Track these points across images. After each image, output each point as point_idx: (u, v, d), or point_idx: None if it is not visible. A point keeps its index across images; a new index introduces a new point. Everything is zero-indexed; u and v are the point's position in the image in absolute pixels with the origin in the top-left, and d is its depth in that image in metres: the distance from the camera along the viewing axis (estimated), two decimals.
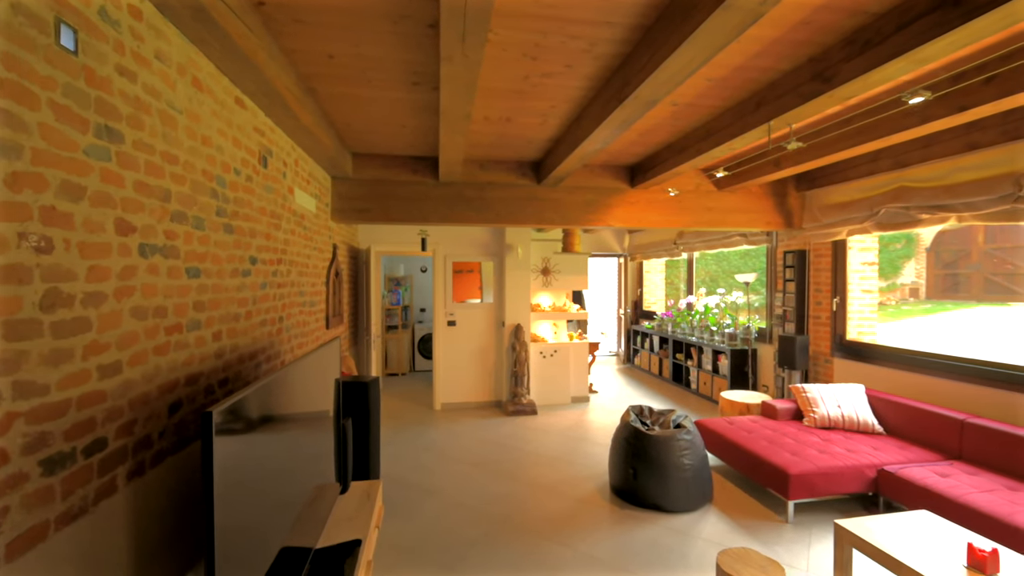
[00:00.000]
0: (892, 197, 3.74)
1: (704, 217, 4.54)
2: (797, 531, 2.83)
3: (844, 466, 2.98)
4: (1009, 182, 2.99)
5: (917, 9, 1.80)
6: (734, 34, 1.67)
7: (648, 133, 3.42)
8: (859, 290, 4.46)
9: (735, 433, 3.52)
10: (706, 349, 5.86)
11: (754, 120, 2.71)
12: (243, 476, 1.38)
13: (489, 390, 5.72)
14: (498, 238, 5.71)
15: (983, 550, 1.85)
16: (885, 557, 2.01)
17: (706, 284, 12.53)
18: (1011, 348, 9.14)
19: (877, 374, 4.00)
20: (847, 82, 2.12)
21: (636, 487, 3.09)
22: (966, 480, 2.72)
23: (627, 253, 8.30)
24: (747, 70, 2.43)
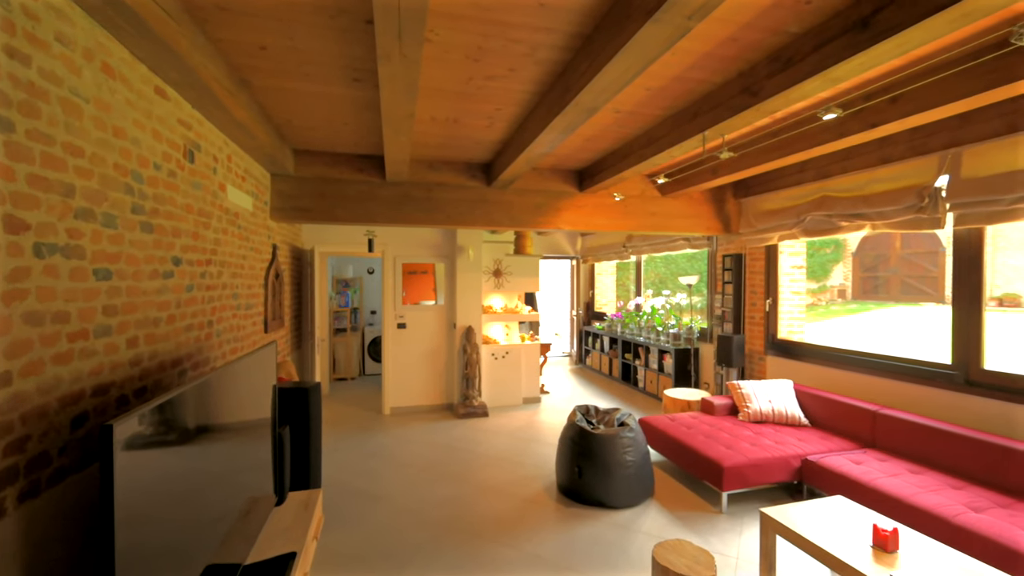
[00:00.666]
0: (816, 205, 4.02)
1: (648, 221, 4.69)
2: (730, 521, 2.98)
3: (773, 457, 3.17)
4: (914, 194, 3.28)
5: (831, 31, 1.95)
6: (665, 46, 1.73)
7: (594, 139, 3.50)
8: (789, 292, 4.77)
9: (676, 429, 3.66)
10: (652, 349, 6.07)
11: (690, 129, 2.83)
12: (158, 492, 1.29)
13: (440, 393, 5.66)
14: (449, 240, 5.67)
15: (885, 530, 2.02)
16: (803, 541, 2.16)
17: (655, 286, 13.00)
18: (921, 345, 10.06)
19: (804, 370, 4.29)
20: (771, 97, 2.26)
21: (581, 485, 3.15)
22: (877, 466, 2.96)
23: (579, 255, 8.46)
24: (683, 81, 2.53)
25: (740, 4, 1.82)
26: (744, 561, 2.56)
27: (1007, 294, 15.02)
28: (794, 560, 2.57)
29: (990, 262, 15.22)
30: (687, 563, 2.04)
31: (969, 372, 3.14)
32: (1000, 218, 2.89)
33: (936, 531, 2.36)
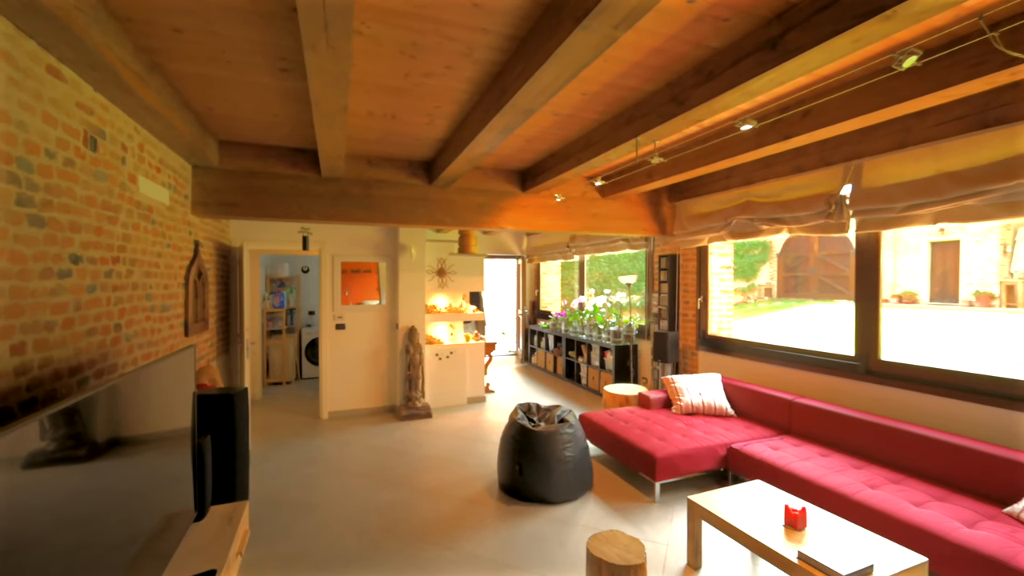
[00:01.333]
0: (741, 210, 4.30)
1: (589, 222, 4.82)
2: (663, 509, 3.13)
3: (701, 447, 3.36)
4: (823, 201, 3.59)
5: (746, 48, 2.09)
6: (594, 53, 1.79)
7: (534, 140, 3.55)
8: (718, 291, 5.07)
9: (614, 424, 3.79)
10: (594, 346, 6.24)
11: (625, 134, 2.94)
12: (46, 518, 1.16)
13: (382, 395, 5.52)
14: (391, 238, 5.54)
15: (795, 510, 2.20)
16: (725, 524, 2.30)
17: (600, 285, 13.38)
18: (834, 338, 11.04)
19: (732, 364, 4.58)
20: (696, 106, 2.38)
21: (522, 483, 3.19)
22: (791, 451, 3.21)
23: (525, 255, 8.55)
24: (616, 88, 2.62)
25: (665, 17, 1.91)
26: (674, 547, 2.69)
27: (906, 292, 16.82)
28: (718, 543, 2.73)
29: (892, 264, 16.97)
30: (619, 552, 2.12)
31: (869, 363, 3.47)
32: (893, 224, 3.22)
33: (840, 507, 2.60)
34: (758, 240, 11.56)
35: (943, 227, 16.74)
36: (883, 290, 3.60)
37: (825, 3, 1.75)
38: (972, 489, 2.58)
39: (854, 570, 1.81)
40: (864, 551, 1.99)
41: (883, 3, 1.56)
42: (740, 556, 2.60)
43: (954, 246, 15.49)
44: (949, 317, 13.43)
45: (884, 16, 1.58)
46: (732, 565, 2.52)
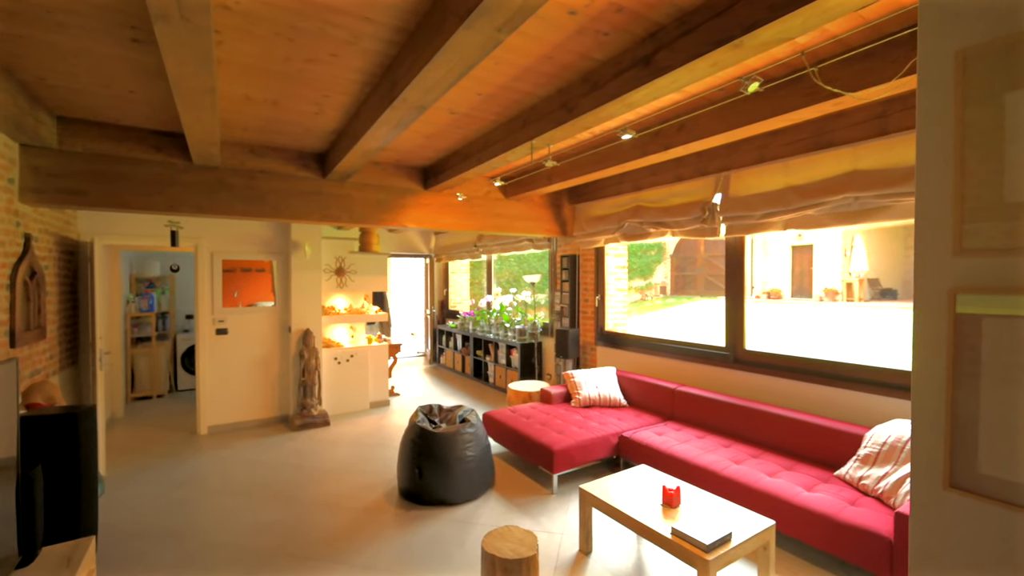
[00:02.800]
0: (632, 213, 4.61)
1: (493, 222, 4.87)
2: (560, 500, 3.25)
3: (596, 437, 3.55)
4: (699, 207, 3.97)
5: (625, 63, 2.23)
6: (481, 53, 1.79)
7: (433, 138, 3.50)
8: (615, 289, 5.39)
9: (516, 420, 3.87)
10: (501, 345, 6.33)
11: (521, 137, 3.00)
12: None
13: (272, 405, 5.10)
14: (282, 234, 5.13)
15: (671, 489, 2.40)
16: (611, 509, 2.45)
17: (510, 284, 13.61)
18: (713, 331, 12.33)
19: (626, 357, 4.89)
20: (585, 113, 2.50)
21: (422, 486, 3.13)
22: (673, 435, 3.51)
23: (433, 254, 8.42)
24: (510, 91, 2.67)
25: (549, 26, 1.98)
26: (568, 535, 2.81)
27: (773, 289, 19.27)
28: (608, 528, 2.90)
29: (762, 265, 19.35)
30: (512, 547, 2.16)
31: (737, 352, 3.91)
32: (754, 229, 3.65)
33: (711, 483, 2.89)
34: (653, 242, 12.36)
35: (800, 233, 19.53)
36: (749, 288, 4.08)
37: (687, 28, 1.92)
38: (815, 458, 3.01)
39: (715, 539, 2.02)
40: (726, 521, 2.23)
41: (732, 33, 1.75)
42: (628, 538, 2.78)
43: (809, 249, 18.09)
44: (805, 310, 15.63)
45: (734, 44, 1.77)
46: (620, 547, 2.69)
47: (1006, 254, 0.78)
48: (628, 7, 1.88)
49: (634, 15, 1.94)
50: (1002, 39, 0.78)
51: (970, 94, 0.81)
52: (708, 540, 2.00)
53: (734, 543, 2.08)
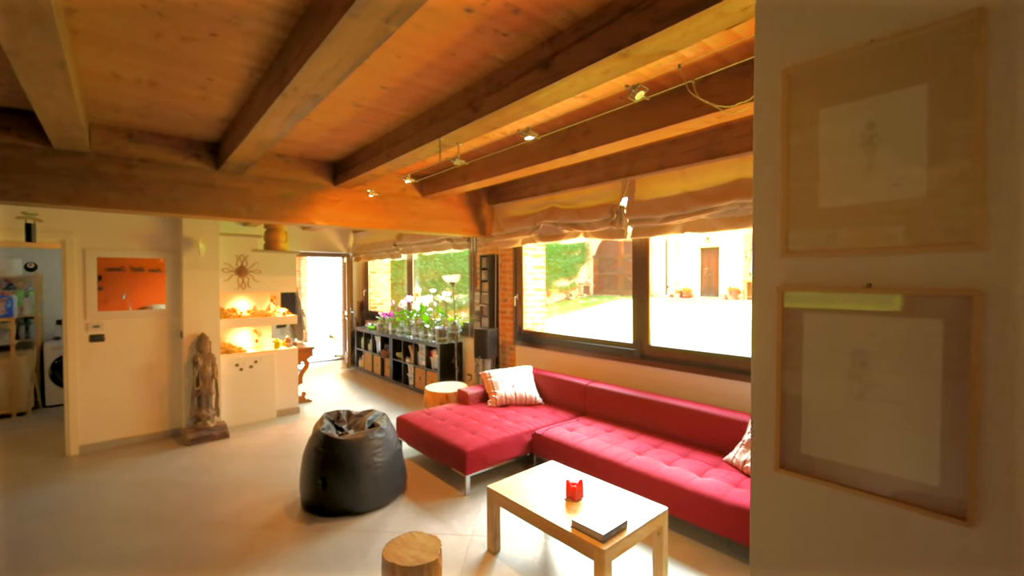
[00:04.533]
0: (547, 215, 4.71)
1: (409, 221, 4.75)
2: (472, 501, 3.23)
3: (510, 436, 3.57)
4: (608, 210, 4.14)
5: (526, 65, 2.25)
6: (372, 44, 1.72)
7: (340, 131, 3.33)
8: (533, 289, 5.48)
9: (431, 423, 3.79)
10: (421, 346, 6.20)
11: (430, 134, 2.94)
12: None
13: (161, 417, 4.59)
14: (172, 230, 4.64)
15: (574, 483, 2.47)
16: (517, 507, 2.47)
17: (434, 284, 13.41)
18: (628, 330, 12.99)
19: (543, 356, 4.99)
20: (490, 113, 2.49)
21: (326, 497, 2.96)
22: (584, 430, 3.63)
23: (351, 253, 8.06)
24: (416, 87, 2.60)
25: (446, 21, 1.94)
26: (477, 536, 2.80)
27: (684, 288, 20.72)
28: (518, 526, 2.93)
29: (675, 265, 20.72)
30: (414, 554, 2.10)
31: (643, 348, 4.13)
32: (656, 232, 3.87)
33: (615, 475, 3.02)
34: (576, 243, 12.72)
35: (708, 236, 21.11)
36: (664, 287, 4.32)
37: (582, 35, 1.98)
38: (709, 445, 3.25)
39: (611, 528, 2.10)
40: (623, 510, 2.34)
41: (620, 43, 1.83)
42: (536, 535, 2.83)
43: (716, 252, 19.69)
44: (712, 308, 16.97)
45: (622, 53, 1.85)
46: (528, 544, 2.73)
47: (821, 255, 0.87)
48: (525, 9, 1.90)
49: (531, 18, 1.96)
50: (819, 60, 0.87)
51: (794, 109, 0.90)
52: (604, 531, 2.08)
53: (629, 531, 2.18)
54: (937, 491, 0.73)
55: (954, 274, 0.72)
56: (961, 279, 0.71)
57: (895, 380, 0.77)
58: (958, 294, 0.71)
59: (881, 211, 0.79)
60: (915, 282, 0.76)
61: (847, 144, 0.82)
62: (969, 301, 0.70)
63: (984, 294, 0.70)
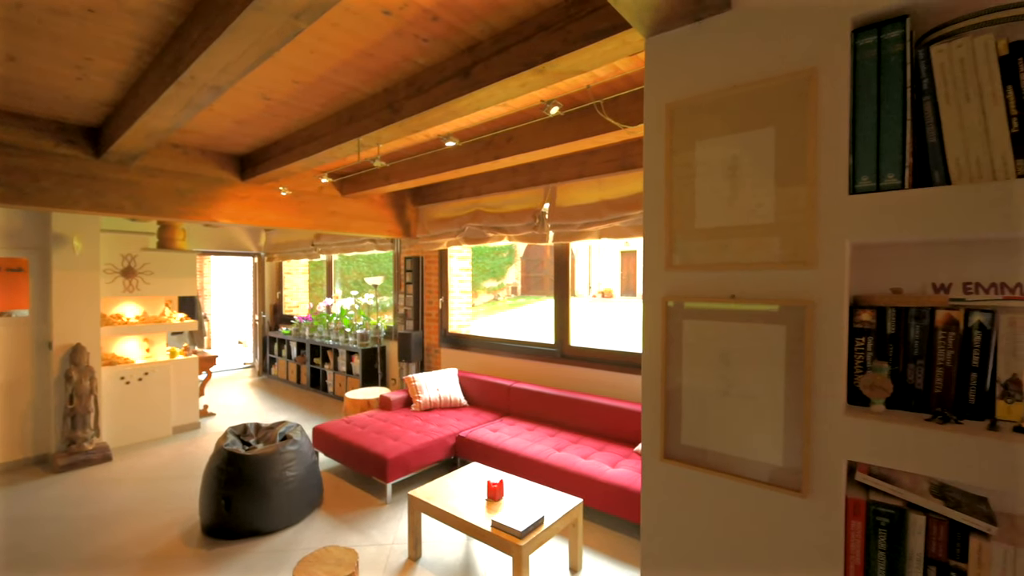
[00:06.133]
0: (472, 217, 4.74)
1: (328, 220, 4.55)
2: (393, 509, 3.17)
3: (434, 440, 3.55)
4: (531, 215, 4.26)
5: (447, 71, 2.27)
6: (280, 39, 1.64)
7: (248, 124, 3.12)
8: (458, 291, 5.48)
9: (350, 432, 3.66)
10: (341, 351, 5.95)
11: (348, 133, 2.85)
12: None
13: (22, 442, 3.97)
14: (39, 225, 4.05)
15: (495, 483, 2.52)
16: (438, 512, 2.47)
17: (357, 286, 12.90)
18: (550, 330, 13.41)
19: (469, 358, 5.01)
20: (411, 116, 2.47)
21: (230, 518, 2.76)
22: (507, 430, 3.71)
23: (263, 252, 7.53)
24: (332, 84, 2.51)
25: (362, 22, 1.91)
26: (399, 544, 2.76)
27: (605, 289, 21.76)
28: (440, 531, 2.92)
29: (597, 266, 21.68)
30: (329, 568, 2.03)
31: (563, 348, 4.30)
32: (576, 237, 4.05)
33: (536, 472, 3.12)
34: (503, 244, 12.86)
35: (628, 241, 22.43)
36: (587, 287, 4.51)
37: (501, 47, 2.04)
38: (623, 438, 3.45)
39: (529, 524, 2.18)
40: (541, 506, 2.43)
41: (536, 59, 1.91)
42: (458, 538, 2.84)
43: (634, 254, 20.90)
44: (631, 307, 17.99)
45: (537, 69, 1.94)
46: (450, 548, 2.74)
47: (696, 269, 0.99)
48: (444, 18, 1.92)
49: (451, 27, 1.98)
50: (695, 98, 0.98)
51: (675, 140, 1.01)
52: (522, 527, 2.15)
53: (546, 525, 2.27)
54: (781, 470, 0.87)
55: (794, 287, 0.86)
56: (798, 291, 0.85)
57: (750, 377, 0.90)
58: (796, 304, 0.85)
59: (742, 233, 0.91)
60: (766, 293, 0.89)
61: (717, 173, 0.94)
62: (803, 310, 0.84)
63: (815, 303, 0.84)
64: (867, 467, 0.92)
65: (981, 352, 0.79)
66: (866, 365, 0.87)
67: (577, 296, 21.58)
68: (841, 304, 0.82)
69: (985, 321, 0.79)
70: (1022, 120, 0.71)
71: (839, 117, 0.82)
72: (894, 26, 0.78)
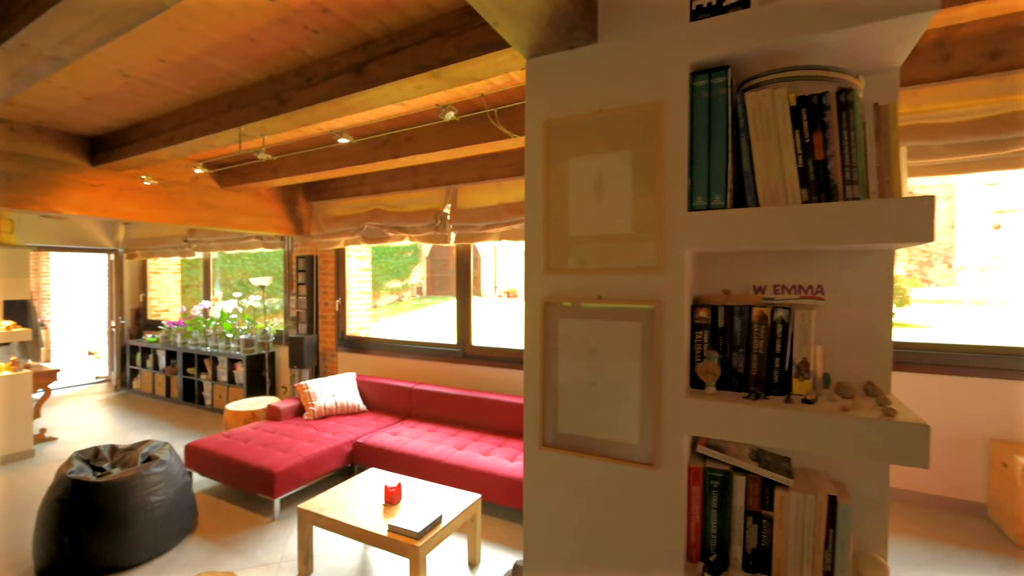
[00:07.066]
0: (372, 216, 4.60)
1: (204, 215, 4.11)
2: (282, 526, 2.97)
3: (328, 449, 3.39)
4: (432, 215, 4.25)
5: (339, 66, 2.20)
6: (137, 15, 1.47)
7: (100, 101, 2.72)
8: (357, 292, 5.27)
9: (231, 446, 3.35)
10: (221, 359, 5.39)
11: (227, 121, 2.62)
12: None
13: None
14: None
15: (392, 487, 2.49)
16: (331, 522, 2.37)
17: (243, 287, 11.75)
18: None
19: (369, 361, 4.84)
20: (299, 109, 2.35)
21: (76, 557, 2.38)
22: (408, 433, 3.66)
23: (122, 249, 6.54)
24: (207, 66, 2.30)
25: (244, 6, 1.78)
26: (288, 562, 2.59)
27: (510, 289, 22.26)
28: (334, 543, 2.81)
29: (502, 267, 22.09)
30: None
31: (465, 348, 4.35)
32: (477, 238, 4.13)
33: (437, 473, 3.12)
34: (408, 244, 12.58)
35: None
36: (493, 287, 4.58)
37: (396, 47, 2.03)
38: (522, 433, 3.59)
39: (426, 525, 2.19)
40: (439, 505, 2.45)
41: (431, 64, 1.93)
42: (354, 548, 2.75)
43: None
44: None
45: (433, 73, 1.96)
46: (345, 559, 2.64)
47: (570, 273, 1.09)
48: (335, 11, 1.86)
49: (342, 20, 1.93)
50: (569, 118, 1.08)
51: (552, 155, 1.10)
52: (419, 528, 2.16)
53: (444, 523, 2.30)
54: (637, 448, 1.00)
55: (646, 289, 0.99)
56: (650, 293, 0.99)
57: (613, 368, 1.02)
58: (648, 304, 0.99)
59: (606, 241, 1.03)
60: (625, 295, 1.02)
61: (587, 187, 1.05)
62: (653, 310, 0.98)
63: (663, 303, 0.98)
64: (706, 440, 1.10)
65: (783, 341, 0.98)
66: (703, 354, 1.03)
67: (483, 296, 21.81)
68: (683, 304, 0.97)
69: (784, 316, 0.98)
70: (804, 158, 0.90)
71: (680, 145, 0.96)
72: (720, 73, 0.95)
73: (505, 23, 0.99)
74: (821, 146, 0.89)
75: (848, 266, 1.05)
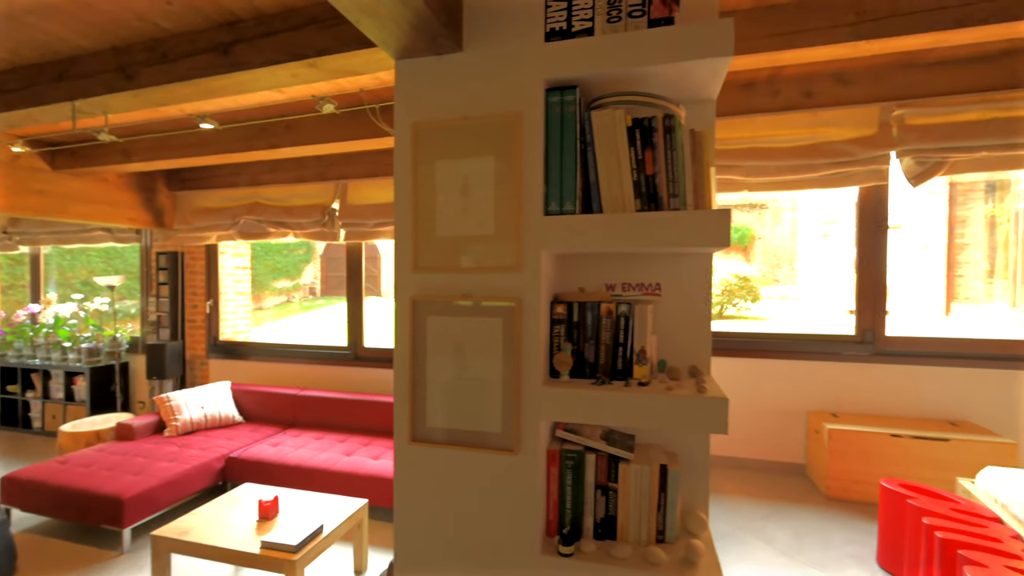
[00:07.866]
0: (249, 210, 4.22)
1: (30, 202, 3.45)
2: (134, 557, 2.61)
3: (193, 467, 3.04)
4: (319, 211, 4.02)
5: (201, 44, 2.00)
6: None
7: None
8: (233, 292, 4.80)
9: (66, 474, 2.86)
10: (56, 373, 4.56)
11: (56, 94, 2.24)
12: None
13: None
14: None
15: (267, 501, 2.32)
16: (193, 547, 2.15)
17: (87, 287, 10.03)
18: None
19: (248, 368, 4.43)
20: (152, 87, 2.09)
21: None
22: (291, 443, 3.42)
23: None
24: (28, 27, 1.95)
25: None
26: None
27: None
28: (198, 572, 2.54)
29: (385, 267, 21.49)
30: None
31: (357, 350, 4.18)
32: (368, 236, 3.99)
33: (322, 482, 2.96)
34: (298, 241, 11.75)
35: None
36: (382, 288, 4.42)
37: (267, 31, 1.90)
38: None
39: (304, 536, 2.08)
40: (321, 515, 2.34)
41: (307, 52, 1.84)
42: (222, 573, 2.51)
43: None
44: None
45: (310, 63, 1.87)
46: None
47: (437, 272, 1.12)
48: None
49: None
50: (436, 122, 1.12)
51: (420, 157, 1.13)
52: (296, 540, 2.04)
53: (325, 533, 2.20)
54: (499, 436, 1.07)
55: (507, 287, 1.06)
56: (510, 291, 1.06)
57: (478, 363, 1.08)
58: (509, 301, 1.06)
59: (471, 242, 1.08)
60: (488, 293, 1.08)
61: (453, 189, 1.10)
62: (513, 307, 1.05)
63: (521, 301, 1.05)
64: (564, 425, 1.20)
65: (625, 332, 1.11)
66: (560, 347, 1.13)
67: (382, 296, 21.02)
68: (541, 301, 1.06)
69: (627, 311, 1.11)
70: (639, 172, 1.03)
71: (536, 154, 1.05)
72: (571, 91, 1.05)
73: (366, 23, 0.99)
74: (651, 162, 1.03)
75: (678, 267, 1.23)
